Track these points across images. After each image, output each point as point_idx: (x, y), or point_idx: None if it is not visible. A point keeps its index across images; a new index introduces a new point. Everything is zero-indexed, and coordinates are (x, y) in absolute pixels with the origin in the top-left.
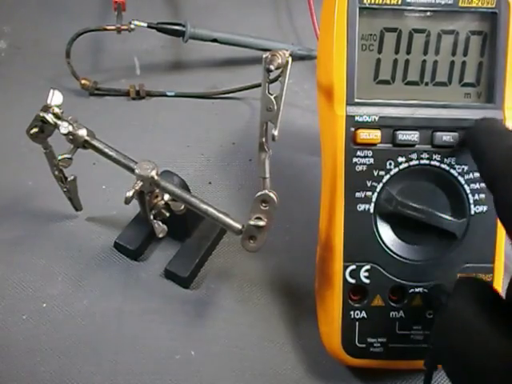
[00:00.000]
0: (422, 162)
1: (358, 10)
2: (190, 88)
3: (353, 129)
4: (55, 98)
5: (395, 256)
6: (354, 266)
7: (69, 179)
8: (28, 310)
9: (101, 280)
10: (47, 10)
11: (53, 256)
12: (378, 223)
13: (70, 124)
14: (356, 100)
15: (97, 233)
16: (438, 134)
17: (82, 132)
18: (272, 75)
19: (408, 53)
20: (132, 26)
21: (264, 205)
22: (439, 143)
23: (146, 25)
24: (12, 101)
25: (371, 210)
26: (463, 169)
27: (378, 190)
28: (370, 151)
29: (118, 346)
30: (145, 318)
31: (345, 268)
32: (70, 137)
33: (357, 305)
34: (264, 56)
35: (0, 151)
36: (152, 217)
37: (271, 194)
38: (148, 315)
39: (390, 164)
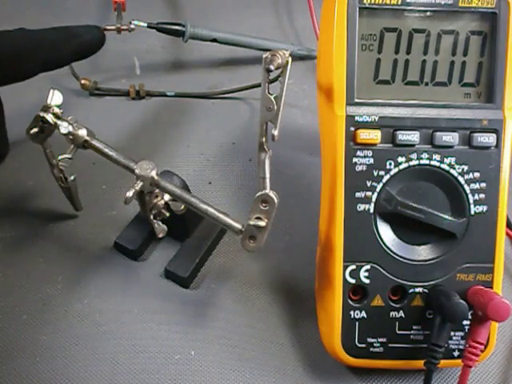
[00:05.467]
0: (422, 162)
1: (357, 9)
2: (190, 88)
3: (353, 129)
4: (55, 98)
5: (395, 256)
6: (353, 266)
7: (69, 179)
8: (28, 309)
9: (101, 280)
10: (48, 10)
11: (53, 256)
12: (378, 223)
13: (69, 124)
14: (356, 100)
15: (97, 233)
16: (438, 133)
17: (82, 132)
18: (272, 75)
19: (408, 53)
20: (132, 26)
21: (264, 205)
22: (439, 143)
23: (145, 25)
24: (12, 101)
25: (371, 210)
26: (463, 169)
27: (377, 190)
28: (370, 151)
29: (117, 345)
30: (145, 317)
31: (345, 268)
32: (70, 137)
33: (357, 305)
34: (264, 56)
35: None
36: (152, 217)
37: (271, 194)
38: (148, 315)
39: (390, 164)
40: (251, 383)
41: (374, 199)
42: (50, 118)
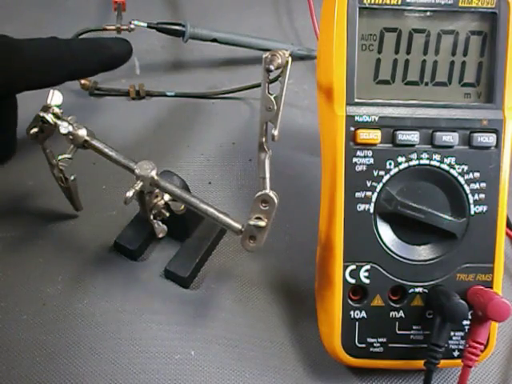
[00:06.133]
0: (422, 162)
1: (357, 9)
2: (190, 88)
3: (353, 129)
4: (55, 98)
5: (395, 256)
6: (353, 266)
7: (69, 179)
8: (28, 309)
9: (101, 280)
10: (47, 10)
11: (53, 256)
12: (378, 223)
13: (69, 124)
14: (356, 100)
15: (97, 233)
16: (438, 133)
17: (82, 132)
18: (272, 75)
19: (408, 53)
20: (132, 26)
21: (264, 205)
22: (439, 143)
23: (145, 25)
24: None
25: (371, 210)
26: (463, 169)
27: (377, 190)
28: (370, 151)
29: (117, 345)
30: (145, 317)
31: (345, 268)
32: (70, 137)
33: (357, 305)
34: (264, 56)
35: None
36: (152, 217)
37: (271, 194)
38: (148, 315)
39: (390, 164)
40: (251, 383)
41: (374, 199)
42: (49, 118)
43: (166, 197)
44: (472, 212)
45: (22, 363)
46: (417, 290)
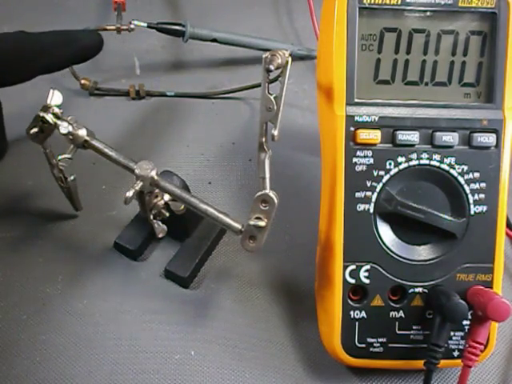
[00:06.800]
0: (422, 162)
1: (357, 9)
2: (190, 88)
3: (353, 129)
4: (55, 98)
5: (395, 256)
6: (353, 266)
7: (69, 179)
8: (28, 309)
9: (101, 280)
10: (47, 9)
11: (53, 256)
12: (378, 223)
13: (69, 124)
14: (356, 100)
15: (97, 233)
16: (438, 133)
17: (82, 132)
18: (272, 75)
19: (408, 53)
20: (132, 26)
21: (264, 205)
22: (439, 143)
23: (145, 25)
24: (12, 101)
25: (371, 210)
26: (463, 169)
27: (377, 190)
28: (370, 151)
29: (117, 345)
30: (145, 317)
31: (345, 268)
32: (70, 137)
33: (357, 305)
34: (264, 56)
35: None
36: (152, 217)
37: (271, 194)
38: (148, 315)
39: (390, 164)
40: (251, 383)
41: (373, 199)
42: (49, 118)
43: (166, 197)
44: (472, 212)
45: (22, 363)
46: (417, 290)
